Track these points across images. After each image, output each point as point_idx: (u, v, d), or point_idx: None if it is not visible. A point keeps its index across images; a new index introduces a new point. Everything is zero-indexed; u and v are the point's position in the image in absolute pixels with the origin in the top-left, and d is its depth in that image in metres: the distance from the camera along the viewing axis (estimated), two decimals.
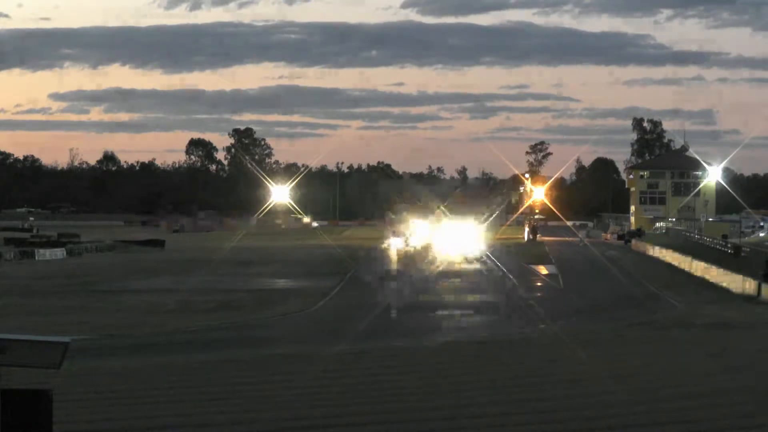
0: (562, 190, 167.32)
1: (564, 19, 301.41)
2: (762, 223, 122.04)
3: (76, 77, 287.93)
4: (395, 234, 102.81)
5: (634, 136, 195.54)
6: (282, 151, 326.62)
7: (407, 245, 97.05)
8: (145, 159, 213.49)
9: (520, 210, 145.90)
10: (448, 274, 73.68)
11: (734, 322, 47.05)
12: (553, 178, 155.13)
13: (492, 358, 36.33)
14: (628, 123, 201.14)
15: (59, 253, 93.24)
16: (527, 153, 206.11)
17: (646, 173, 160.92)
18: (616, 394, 28.19)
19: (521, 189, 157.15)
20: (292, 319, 49.74)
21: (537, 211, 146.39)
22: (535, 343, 39.58)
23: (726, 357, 36.24)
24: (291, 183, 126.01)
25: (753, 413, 25.88)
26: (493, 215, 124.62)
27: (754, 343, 40.31)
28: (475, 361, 35.39)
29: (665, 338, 42.03)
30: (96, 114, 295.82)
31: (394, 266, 76.33)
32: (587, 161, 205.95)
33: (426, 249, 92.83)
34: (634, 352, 37.60)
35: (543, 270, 74.66)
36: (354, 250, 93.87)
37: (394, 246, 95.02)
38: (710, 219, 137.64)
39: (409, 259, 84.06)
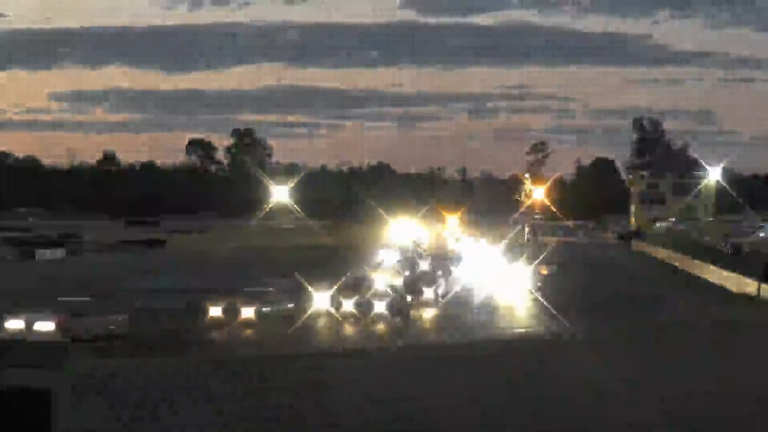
0: (562, 190, 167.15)
1: (564, 19, 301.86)
2: (762, 224, 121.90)
3: (76, 77, 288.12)
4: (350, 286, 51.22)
5: (634, 136, 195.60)
6: (282, 151, 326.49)
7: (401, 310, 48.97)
8: (145, 159, 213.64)
9: (520, 210, 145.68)
10: None
11: (735, 323, 46.99)
12: (552, 178, 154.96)
13: (499, 358, 36.30)
14: (628, 123, 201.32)
15: (59, 252, 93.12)
16: (527, 153, 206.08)
17: (646, 173, 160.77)
18: (621, 394, 28.15)
19: (522, 189, 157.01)
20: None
21: (537, 211, 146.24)
22: (539, 344, 39.50)
23: (728, 357, 36.17)
24: (291, 183, 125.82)
25: (756, 413, 25.86)
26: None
27: (756, 343, 40.26)
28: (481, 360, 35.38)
29: (667, 338, 41.97)
30: (96, 114, 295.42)
31: None
32: (587, 161, 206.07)
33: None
34: (637, 353, 37.54)
35: (544, 271, 74.50)
36: None
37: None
38: (710, 219, 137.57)
39: None
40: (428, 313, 50.66)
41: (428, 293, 53.83)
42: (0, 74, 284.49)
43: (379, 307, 47.58)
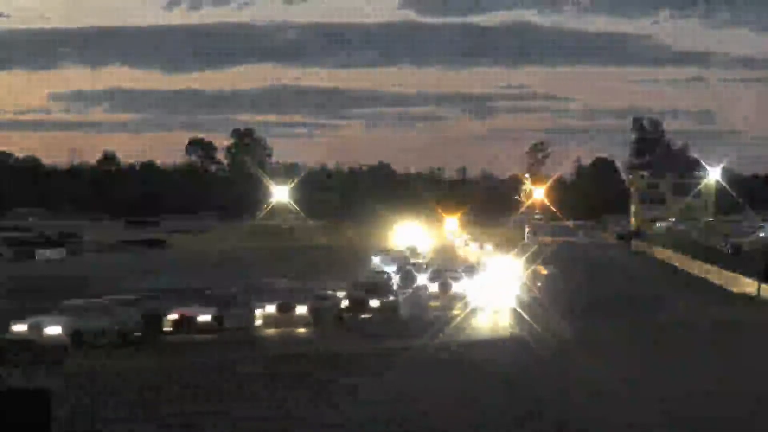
0: (562, 190, 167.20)
1: (564, 19, 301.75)
2: (762, 224, 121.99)
3: (76, 77, 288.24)
4: None
5: (633, 136, 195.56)
6: (282, 151, 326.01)
7: None
8: (145, 159, 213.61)
9: (520, 210, 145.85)
10: None
11: (735, 323, 46.98)
12: (552, 178, 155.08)
13: (498, 358, 36.28)
14: (628, 123, 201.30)
15: (59, 252, 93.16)
16: (527, 153, 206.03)
17: (646, 173, 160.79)
18: (620, 393, 28.15)
19: (522, 189, 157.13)
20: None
21: (537, 211, 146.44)
22: (539, 344, 39.45)
23: (729, 357, 36.18)
24: (291, 183, 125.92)
25: (756, 413, 25.83)
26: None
27: (756, 343, 40.26)
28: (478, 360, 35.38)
29: (667, 338, 41.96)
30: (96, 114, 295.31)
31: None
32: (587, 161, 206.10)
33: None
34: (637, 353, 37.53)
35: (543, 271, 74.56)
36: None
37: None
38: (710, 219, 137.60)
39: None
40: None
41: (300, 309, 44.44)
42: (0, 74, 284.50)
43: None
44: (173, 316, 40.70)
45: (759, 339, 41.41)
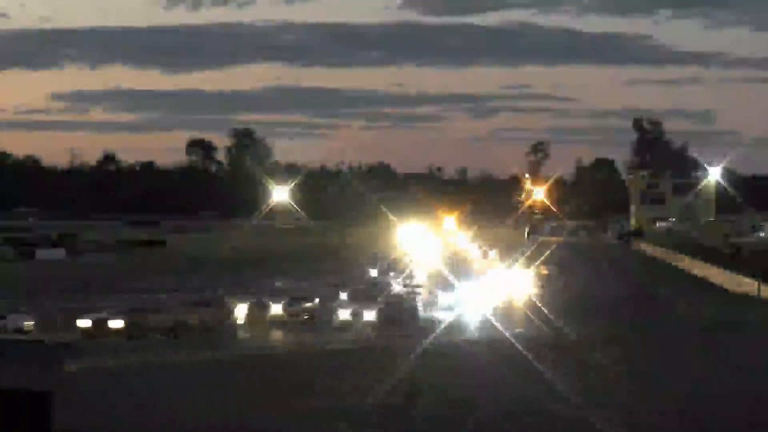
0: (562, 190, 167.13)
1: (564, 19, 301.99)
2: (762, 224, 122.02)
3: (76, 77, 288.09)
4: None
5: (634, 136, 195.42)
6: (282, 151, 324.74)
7: None
8: (145, 159, 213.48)
9: (521, 210, 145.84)
10: None
11: (735, 323, 46.98)
12: (552, 179, 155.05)
13: (498, 357, 36.32)
14: (628, 123, 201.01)
15: (59, 252, 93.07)
16: (527, 153, 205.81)
17: (646, 173, 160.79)
18: (620, 392, 28.18)
19: (522, 189, 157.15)
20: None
21: (537, 211, 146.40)
22: (540, 344, 39.48)
23: (728, 357, 36.19)
24: (291, 183, 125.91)
25: (756, 413, 25.88)
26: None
27: (756, 343, 40.27)
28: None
29: (668, 339, 41.97)
30: (96, 114, 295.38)
31: None
32: (587, 161, 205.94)
33: None
34: (639, 353, 37.54)
35: (544, 271, 74.52)
36: None
37: None
38: (710, 219, 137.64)
39: None
40: None
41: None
42: (0, 74, 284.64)
43: None
44: None
45: (759, 339, 41.42)
